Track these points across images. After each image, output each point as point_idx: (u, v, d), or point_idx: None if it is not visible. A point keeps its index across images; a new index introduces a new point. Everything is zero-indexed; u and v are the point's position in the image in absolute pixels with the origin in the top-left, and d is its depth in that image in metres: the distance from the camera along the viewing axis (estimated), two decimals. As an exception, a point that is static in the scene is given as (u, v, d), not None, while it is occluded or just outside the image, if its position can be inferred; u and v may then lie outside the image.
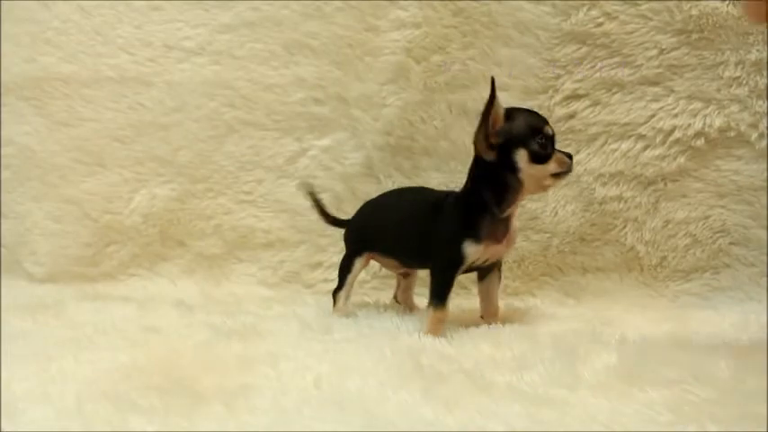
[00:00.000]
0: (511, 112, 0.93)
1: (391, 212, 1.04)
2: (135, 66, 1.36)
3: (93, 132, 1.36)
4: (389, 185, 1.23)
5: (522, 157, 0.91)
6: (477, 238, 0.92)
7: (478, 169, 0.94)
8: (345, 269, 1.06)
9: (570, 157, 0.95)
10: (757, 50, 1.15)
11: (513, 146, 0.91)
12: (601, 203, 1.20)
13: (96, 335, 0.87)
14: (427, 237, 0.96)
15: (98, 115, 1.37)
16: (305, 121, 1.30)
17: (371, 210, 1.09)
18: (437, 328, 0.91)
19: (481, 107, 0.91)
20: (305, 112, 1.30)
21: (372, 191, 1.20)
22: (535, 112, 0.97)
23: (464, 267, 0.94)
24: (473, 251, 0.92)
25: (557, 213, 1.21)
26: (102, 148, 1.36)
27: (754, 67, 1.15)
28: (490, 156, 0.92)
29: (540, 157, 0.92)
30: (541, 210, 1.22)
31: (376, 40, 1.26)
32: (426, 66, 1.24)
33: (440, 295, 0.93)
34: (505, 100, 0.94)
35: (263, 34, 1.31)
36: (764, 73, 1.14)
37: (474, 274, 1.02)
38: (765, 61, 1.14)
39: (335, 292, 1.07)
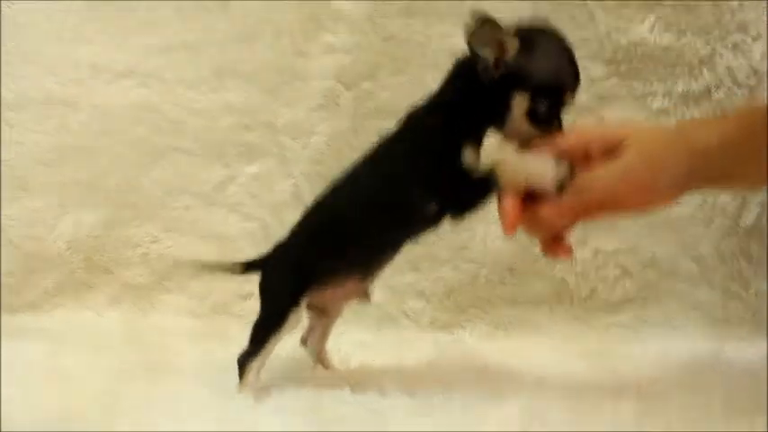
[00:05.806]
0: (531, 40, 0.70)
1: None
2: (61, 87, 1.31)
3: (15, 155, 1.31)
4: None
5: (519, 105, 0.71)
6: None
7: (460, 83, 0.73)
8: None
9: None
10: (683, 82, 1.15)
11: (517, 86, 0.70)
12: (530, 234, 1.19)
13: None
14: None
15: (22, 137, 1.31)
16: (233, 148, 1.27)
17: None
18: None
19: None
20: (233, 139, 1.27)
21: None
22: (568, 59, 0.72)
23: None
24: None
25: (486, 243, 1.19)
26: (26, 172, 1.32)
27: (680, 99, 1.15)
28: (492, 74, 0.69)
29: (539, 118, 0.71)
30: (470, 238, 1.20)
31: (305, 65, 1.24)
32: (356, 92, 1.22)
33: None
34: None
35: (191, 58, 1.28)
36: (690, 104, 1.14)
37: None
38: (691, 94, 1.14)
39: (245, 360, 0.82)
